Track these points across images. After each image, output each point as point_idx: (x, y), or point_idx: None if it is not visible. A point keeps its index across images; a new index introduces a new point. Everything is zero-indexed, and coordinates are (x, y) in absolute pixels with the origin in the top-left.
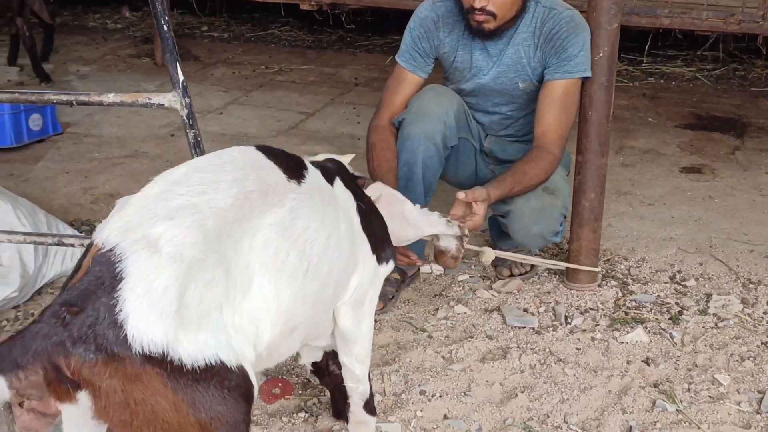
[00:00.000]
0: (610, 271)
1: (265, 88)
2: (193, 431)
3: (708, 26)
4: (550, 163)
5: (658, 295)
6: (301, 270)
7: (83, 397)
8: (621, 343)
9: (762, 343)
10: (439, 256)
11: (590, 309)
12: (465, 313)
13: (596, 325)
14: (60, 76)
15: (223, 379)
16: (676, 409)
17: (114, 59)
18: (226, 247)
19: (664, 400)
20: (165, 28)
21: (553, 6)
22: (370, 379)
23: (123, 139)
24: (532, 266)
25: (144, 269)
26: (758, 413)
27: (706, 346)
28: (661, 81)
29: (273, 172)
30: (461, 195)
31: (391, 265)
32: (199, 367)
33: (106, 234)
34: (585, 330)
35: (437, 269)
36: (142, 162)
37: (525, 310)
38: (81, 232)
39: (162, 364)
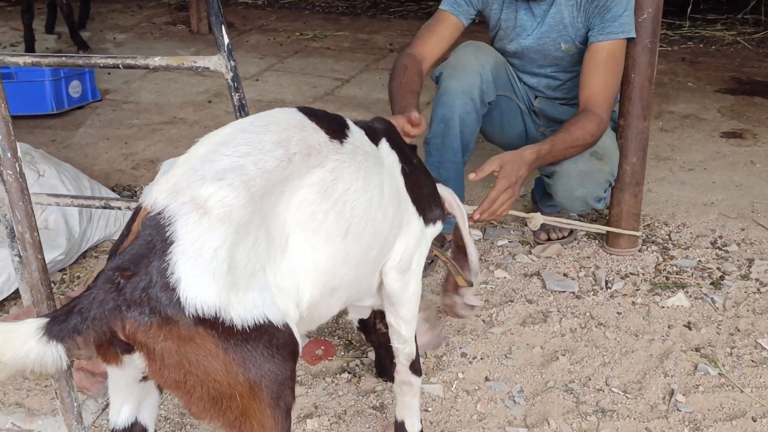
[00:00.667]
0: (650, 236)
1: (300, 55)
2: (242, 390)
3: None
4: (597, 125)
5: (699, 260)
6: (340, 231)
7: (137, 359)
8: (662, 308)
9: None
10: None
11: (631, 273)
12: (505, 277)
13: (637, 290)
14: (97, 43)
15: (270, 338)
16: (719, 373)
17: (149, 26)
18: (268, 207)
19: (706, 364)
20: None
21: None
22: (416, 342)
23: (161, 106)
24: (571, 231)
25: (194, 231)
26: None
27: (748, 310)
28: (701, 45)
29: (315, 133)
30: (471, 176)
31: (438, 226)
32: (248, 326)
33: (155, 197)
34: (626, 294)
35: (476, 234)
36: (181, 128)
37: (565, 275)
38: (123, 197)
39: (214, 325)
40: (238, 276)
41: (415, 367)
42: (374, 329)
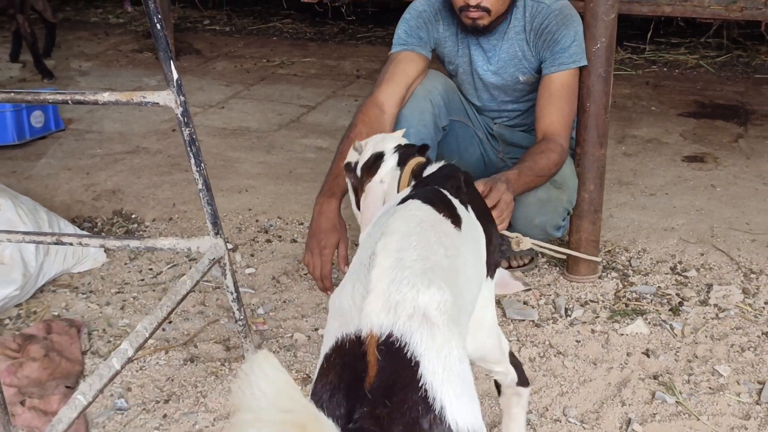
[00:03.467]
0: (611, 263)
1: (267, 82)
2: None
3: (710, 14)
4: (559, 155)
5: (658, 286)
6: (466, 317)
7: None
8: (621, 335)
9: (763, 333)
10: None
11: (590, 301)
12: None
13: (596, 317)
14: (62, 71)
15: None
16: (676, 401)
17: (116, 54)
18: (461, 315)
19: (663, 392)
20: (158, 27)
21: (541, 0)
22: (513, 357)
23: (124, 135)
24: (531, 259)
25: (433, 346)
26: (758, 404)
27: (706, 337)
28: (665, 69)
29: (446, 224)
30: None
31: (497, 275)
32: None
33: (373, 320)
34: (585, 322)
35: None
36: (144, 157)
37: (525, 303)
38: (83, 229)
39: None
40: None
41: (521, 380)
42: None
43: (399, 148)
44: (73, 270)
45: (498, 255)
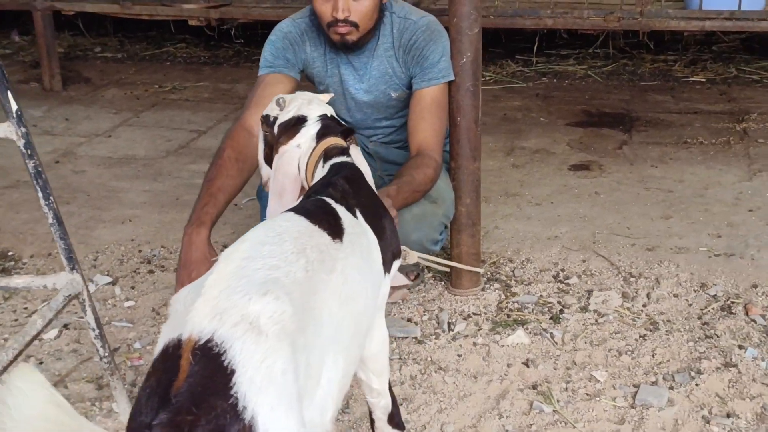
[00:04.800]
0: (494, 274)
1: (157, 108)
2: None
3: (590, 25)
4: (434, 170)
5: (540, 295)
6: (351, 333)
7: None
8: (502, 347)
9: (640, 336)
10: None
11: (473, 314)
12: None
13: (478, 330)
14: None
15: None
16: (553, 410)
17: None
18: (308, 326)
19: (541, 402)
20: None
21: (407, 16)
22: (392, 392)
23: (5, 169)
24: (417, 275)
25: (255, 355)
26: (632, 407)
27: (585, 343)
28: (554, 80)
29: (321, 236)
30: None
31: (395, 265)
32: None
33: (195, 324)
34: (467, 336)
35: None
36: (24, 192)
37: (409, 320)
38: None
39: None
40: (301, 406)
41: (395, 421)
42: None
43: (323, 119)
44: None
45: (394, 248)
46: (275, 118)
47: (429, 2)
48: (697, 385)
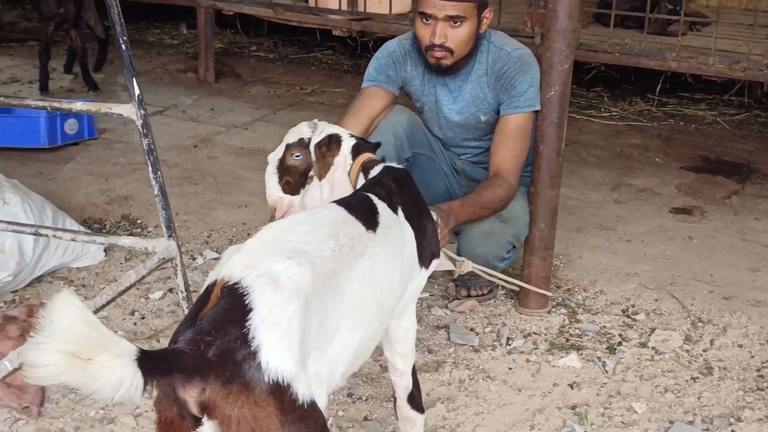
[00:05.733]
0: (564, 300)
1: (294, 108)
2: None
3: (714, 72)
4: (506, 191)
5: (603, 326)
6: (373, 310)
7: (206, 430)
8: (553, 367)
9: (691, 378)
10: None
11: (534, 333)
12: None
13: (535, 348)
14: (108, 85)
15: (316, 422)
16: (584, 431)
17: (162, 73)
18: (325, 295)
19: (574, 422)
20: (123, 47)
21: (503, 46)
22: (415, 376)
23: None
24: (491, 290)
25: (271, 302)
26: None
27: (635, 376)
28: (681, 123)
29: (355, 226)
30: None
31: (433, 265)
32: (306, 404)
33: (230, 270)
34: (523, 352)
35: None
36: (162, 169)
37: (471, 329)
38: (92, 230)
39: (283, 397)
40: (304, 351)
41: (415, 403)
42: None
43: (353, 136)
44: (72, 264)
45: (435, 247)
46: (309, 140)
47: None
48: (733, 431)
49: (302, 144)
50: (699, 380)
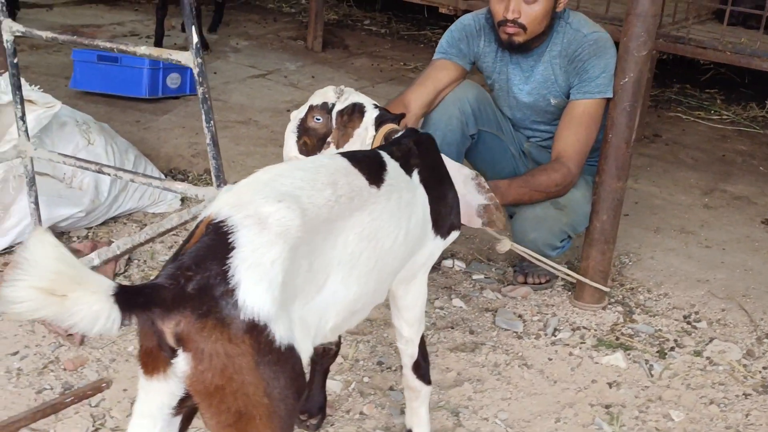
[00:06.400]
0: (625, 298)
1: (393, 82)
2: (257, 413)
3: None
4: (563, 176)
5: (659, 329)
6: (370, 266)
7: (181, 362)
8: (596, 363)
9: (743, 394)
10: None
11: (583, 327)
12: (461, 307)
13: (582, 343)
14: (220, 46)
15: (293, 366)
16: (612, 431)
17: (273, 38)
18: (315, 242)
19: (603, 420)
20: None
21: (580, 28)
22: (423, 345)
23: (244, 108)
24: (548, 280)
25: (255, 242)
26: None
27: (681, 384)
28: None
29: (357, 178)
30: None
31: (452, 235)
32: (283, 347)
33: (219, 207)
34: (568, 344)
35: (459, 264)
36: (250, 129)
37: (519, 316)
38: (176, 180)
39: (260, 336)
40: (286, 295)
41: (421, 373)
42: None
43: (377, 107)
44: (148, 209)
45: (455, 218)
46: (333, 105)
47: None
48: None
49: (325, 108)
50: (751, 397)
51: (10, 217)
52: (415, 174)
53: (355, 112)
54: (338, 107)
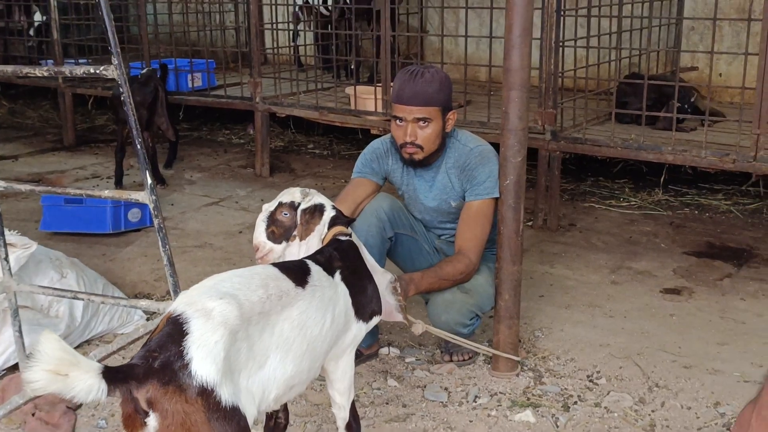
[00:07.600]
0: (537, 366)
1: (335, 198)
2: None
3: (707, 164)
4: (466, 266)
5: (565, 388)
6: (302, 349)
7: (152, 421)
8: (509, 421)
9: None
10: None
11: (500, 392)
12: (395, 386)
13: (498, 405)
14: (175, 180)
15: (239, 423)
16: None
17: (225, 168)
18: (253, 330)
19: None
20: (138, 147)
21: (467, 143)
22: (354, 410)
23: (200, 233)
24: (471, 357)
25: (202, 329)
26: None
27: (583, 431)
28: (696, 212)
29: (285, 282)
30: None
31: (374, 320)
32: (229, 407)
33: (176, 305)
34: (486, 408)
35: (394, 351)
36: (207, 252)
37: (445, 389)
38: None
39: (209, 398)
40: (229, 367)
41: (353, 430)
42: (275, 417)
43: (334, 209)
44: (118, 330)
45: (376, 305)
46: (299, 204)
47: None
48: None
49: (292, 206)
50: None
51: None
52: (337, 274)
53: (316, 211)
54: (303, 206)
